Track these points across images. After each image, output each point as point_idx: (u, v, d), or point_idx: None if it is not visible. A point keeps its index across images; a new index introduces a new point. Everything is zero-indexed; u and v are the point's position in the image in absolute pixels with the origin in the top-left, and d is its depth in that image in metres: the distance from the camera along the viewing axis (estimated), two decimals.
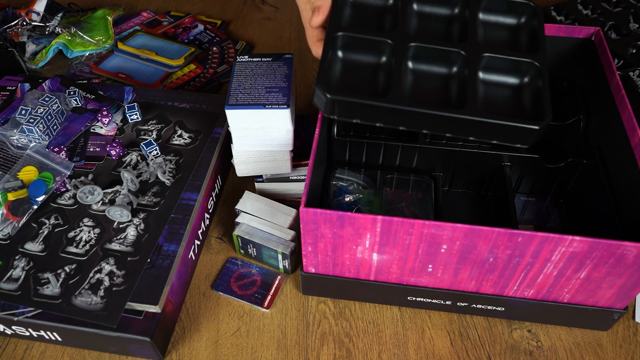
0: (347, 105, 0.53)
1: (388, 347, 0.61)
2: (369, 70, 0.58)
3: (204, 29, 1.04)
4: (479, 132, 0.53)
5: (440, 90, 0.57)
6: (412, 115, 0.52)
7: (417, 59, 0.58)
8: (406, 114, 0.52)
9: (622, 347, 0.61)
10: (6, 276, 0.60)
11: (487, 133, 0.53)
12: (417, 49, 0.57)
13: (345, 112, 0.54)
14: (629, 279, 0.54)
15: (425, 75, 0.58)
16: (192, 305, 0.65)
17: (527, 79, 0.57)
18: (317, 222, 0.54)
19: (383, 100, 0.52)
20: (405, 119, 0.53)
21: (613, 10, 0.92)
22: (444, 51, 0.57)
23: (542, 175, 0.69)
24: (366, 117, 0.54)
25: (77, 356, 0.60)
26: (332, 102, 0.53)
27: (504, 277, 0.57)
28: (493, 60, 0.57)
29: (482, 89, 0.57)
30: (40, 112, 0.72)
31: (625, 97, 0.60)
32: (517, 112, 0.55)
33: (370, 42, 0.57)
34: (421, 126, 0.54)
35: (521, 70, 0.57)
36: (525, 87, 0.57)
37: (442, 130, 0.54)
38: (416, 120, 0.53)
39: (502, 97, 0.57)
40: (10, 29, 0.97)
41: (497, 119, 0.52)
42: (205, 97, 0.81)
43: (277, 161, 0.70)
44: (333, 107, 0.53)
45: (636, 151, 0.57)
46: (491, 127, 0.52)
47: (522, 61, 0.56)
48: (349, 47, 0.58)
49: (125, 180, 0.68)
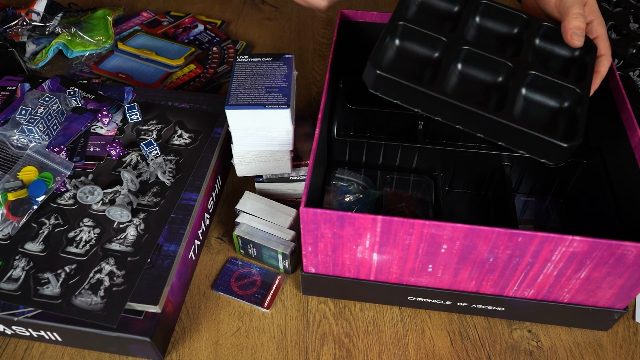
0: (393, 84, 0.55)
1: (388, 347, 0.61)
2: (420, 62, 0.61)
3: (204, 29, 1.04)
4: (510, 138, 0.55)
5: (482, 95, 0.59)
6: (450, 107, 0.55)
7: (467, 63, 0.60)
8: (445, 105, 0.55)
9: (622, 347, 0.61)
10: (6, 276, 0.60)
11: (517, 141, 0.55)
12: (469, 52, 0.60)
13: (390, 91, 0.57)
14: (629, 279, 0.54)
15: (471, 79, 0.61)
16: (192, 305, 0.65)
17: (567, 103, 0.58)
18: (317, 222, 0.54)
19: (426, 87, 0.55)
20: (443, 110, 0.55)
21: (613, 10, 0.92)
22: (494, 60, 0.59)
23: (542, 175, 0.69)
24: (407, 100, 0.57)
25: (77, 356, 0.60)
26: (379, 78, 0.55)
27: (504, 277, 0.57)
28: (538, 79, 0.58)
29: (521, 103, 0.59)
30: (40, 112, 0.72)
31: (625, 97, 0.60)
32: (550, 129, 0.57)
33: (426, 36, 0.60)
34: (456, 120, 0.56)
35: (563, 94, 0.58)
36: (563, 111, 0.59)
37: (475, 128, 0.56)
38: (453, 114, 0.55)
39: (539, 115, 0.59)
40: (10, 29, 0.98)
41: (529, 128, 0.53)
42: (205, 97, 0.81)
43: (277, 161, 0.70)
44: (379, 83, 0.56)
45: (636, 151, 0.57)
46: (522, 135, 0.54)
47: (566, 86, 0.58)
48: (407, 37, 0.61)
49: (125, 180, 0.68)
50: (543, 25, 0.63)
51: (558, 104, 0.59)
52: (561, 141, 0.53)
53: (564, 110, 0.59)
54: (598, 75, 0.60)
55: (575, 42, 0.59)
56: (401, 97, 0.57)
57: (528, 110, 0.59)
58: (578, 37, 0.58)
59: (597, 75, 0.60)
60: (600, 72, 0.60)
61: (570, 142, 0.53)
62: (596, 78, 0.60)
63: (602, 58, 0.61)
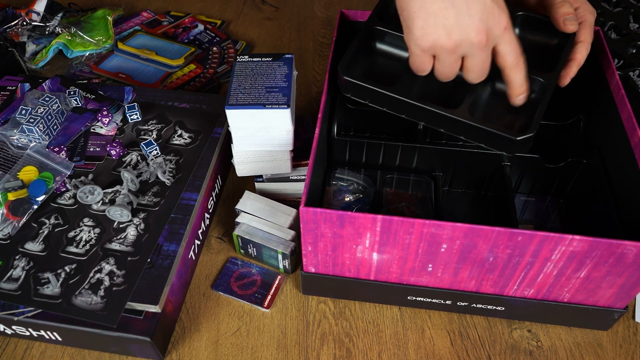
0: (359, 87, 0.59)
1: (388, 347, 0.61)
2: (391, 62, 0.64)
3: (204, 29, 1.04)
4: (467, 133, 0.57)
5: (448, 88, 0.59)
6: (412, 107, 0.57)
7: None
8: (407, 104, 0.57)
9: (622, 347, 0.61)
10: (6, 276, 0.60)
11: (473, 136, 0.57)
12: None
13: (358, 93, 0.60)
14: (629, 279, 0.54)
15: None
16: (192, 305, 0.65)
17: (532, 95, 0.58)
18: (317, 222, 0.54)
19: (388, 89, 0.57)
20: (406, 109, 0.58)
21: (613, 10, 0.92)
22: None
23: (542, 175, 0.69)
24: (375, 101, 0.60)
25: (77, 356, 0.60)
26: (347, 83, 0.59)
27: (504, 277, 0.57)
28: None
29: (487, 95, 0.60)
30: (41, 112, 0.72)
31: (625, 97, 0.60)
32: (510, 123, 0.58)
33: (393, 36, 0.62)
34: (419, 118, 0.58)
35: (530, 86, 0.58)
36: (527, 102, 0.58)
37: (437, 125, 0.58)
38: (415, 112, 0.58)
39: (503, 107, 0.58)
40: (10, 29, 0.98)
41: (481, 124, 0.55)
42: (205, 97, 0.81)
43: (277, 161, 0.70)
44: (348, 87, 0.59)
45: (636, 151, 0.57)
46: (476, 130, 0.56)
47: (531, 78, 0.57)
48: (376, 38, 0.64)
49: (126, 180, 0.68)
50: (519, 15, 0.63)
51: None
52: (512, 135, 0.54)
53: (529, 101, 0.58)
54: (574, 62, 0.59)
55: (570, 27, 0.58)
56: (369, 98, 0.59)
57: (492, 102, 0.60)
58: (571, 22, 0.58)
59: (574, 62, 0.59)
60: (577, 59, 0.59)
61: (520, 135, 0.54)
62: (572, 65, 0.59)
63: (580, 45, 0.59)
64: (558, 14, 0.58)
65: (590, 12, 0.61)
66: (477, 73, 0.53)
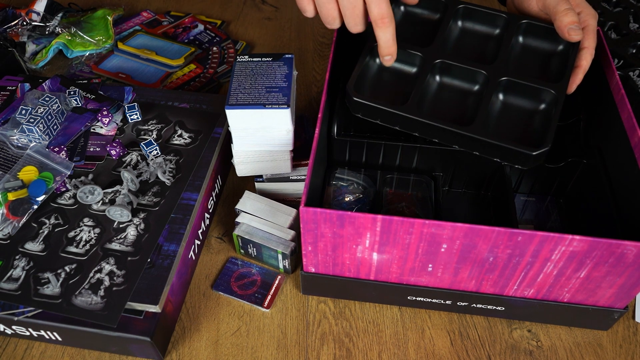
0: (370, 107, 0.58)
1: (388, 347, 0.61)
2: (399, 78, 0.63)
3: (204, 29, 1.04)
4: (482, 149, 0.56)
5: (459, 104, 0.61)
6: (424, 125, 0.57)
7: (444, 74, 0.62)
8: (419, 123, 0.57)
9: (622, 347, 0.61)
10: (6, 276, 0.60)
11: (489, 151, 0.56)
12: (443, 64, 0.61)
13: (369, 113, 0.59)
14: (629, 279, 0.54)
15: (449, 87, 0.62)
16: (192, 305, 0.65)
17: (543, 105, 0.59)
18: (317, 222, 0.54)
19: (399, 108, 0.57)
20: (419, 127, 0.58)
21: (613, 10, 0.92)
22: (468, 70, 0.61)
23: (542, 175, 0.69)
24: (386, 120, 0.59)
25: (77, 356, 0.60)
26: (357, 104, 0.58)
27: (504, 277, 0.57)
28: (513, 84, 0.59)
29: (498, 108, 0.60)
30: (41, 112, 0.72)
31: (625, 97, 0.60)
32: (523, 135, 0.58)
33: (403, 53, 0.62)
34: (432, 135, 0.58)
35: (539, 97, 0.59)
36: (539, 113, 0.59)
37: (450, 142, 0.58)
38: (427, 130, 0.57)
39: (515, 119, 0.59)
40: (10, 29, 0.98)
41: (497, 140, 0.55)
42: (205, 97, 0.81)
43: (277, 161, 0.70)
44: (358, 107, 0.59)
45: (636, 151, 0.57)
46: (492, 146, 0.55)
47: (541, 89, 0.58)
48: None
49: (126, 180, 0.68)
50: (523, 22, 0.63)
51: (534, 106, 0.59)
52: (528, 150, 0.54)
53: (540, 111, 0.59)
54: (580, 69, 0.59)
55: (575, 37, 0.58)
56: (380, 118, 0.59)
57: (505, 115, 0.59)
58: (575, 32, 0.57)
59: (579, 69, 0.59)
60: (582, 65, 0.59)
61: (536, 149, 0.54)
62: (578, 72, 0.59)
63: (585, 51, 0.59)
64: (562, 22, 0.58)
65: (592, 16, 0.61)
66: (348, 18, 0.56)
